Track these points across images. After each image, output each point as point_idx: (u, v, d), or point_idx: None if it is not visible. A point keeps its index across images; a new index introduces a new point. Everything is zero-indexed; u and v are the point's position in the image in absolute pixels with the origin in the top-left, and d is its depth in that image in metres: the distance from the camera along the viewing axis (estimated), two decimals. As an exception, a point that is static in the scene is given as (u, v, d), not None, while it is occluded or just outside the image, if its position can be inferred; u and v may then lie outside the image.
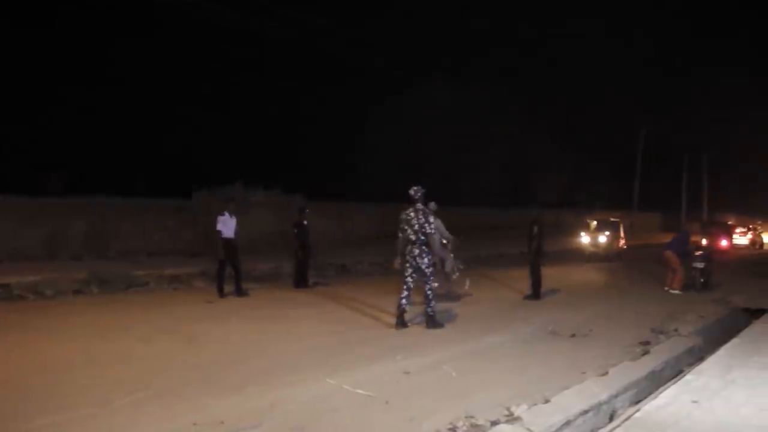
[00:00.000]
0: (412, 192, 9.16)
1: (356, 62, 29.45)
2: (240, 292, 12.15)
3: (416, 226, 9.05)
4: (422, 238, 9.06)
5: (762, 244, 35.86)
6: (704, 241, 27.70)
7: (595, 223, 24.62)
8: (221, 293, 11.98)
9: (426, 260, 9.13)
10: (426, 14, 37.52)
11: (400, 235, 9.21)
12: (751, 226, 36.30)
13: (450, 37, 38.77)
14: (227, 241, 12.01)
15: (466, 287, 12.90)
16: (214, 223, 12.16)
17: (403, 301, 9.18)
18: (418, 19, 37.18)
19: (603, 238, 22.96)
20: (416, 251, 9.08)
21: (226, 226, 12.02)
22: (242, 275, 12.50)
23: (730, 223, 35.70)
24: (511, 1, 45.71)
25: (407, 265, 9.14)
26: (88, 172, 22.31)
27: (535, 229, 12.55)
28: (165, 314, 10.09)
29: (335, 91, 32.72)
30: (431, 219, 9.20)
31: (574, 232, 25.97)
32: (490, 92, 34.60)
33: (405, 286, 9.16)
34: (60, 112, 24.04)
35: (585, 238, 23.90)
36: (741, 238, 34.32)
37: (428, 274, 9.18)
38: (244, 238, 13.20)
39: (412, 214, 9.13)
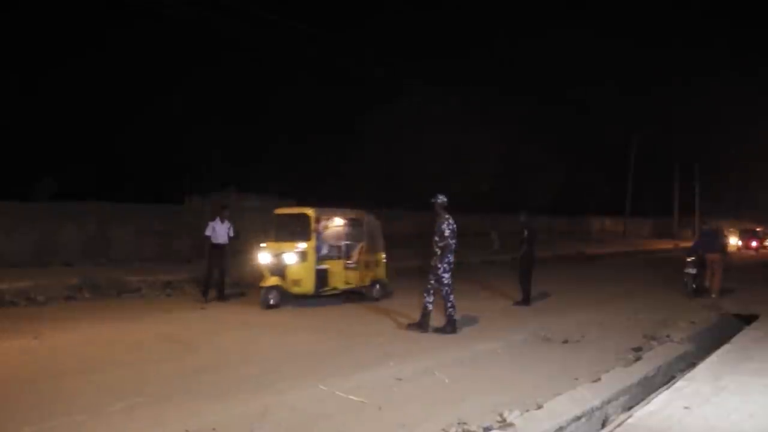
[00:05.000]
0: (443, 200, 9.48)
1: (348, 69, 29.52)
2: (222, 297, 12.37)
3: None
4: None
5: None
6: (740, 242, 36.69)
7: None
8: (206, 297, 12.17)
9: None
10: (418, 16, 37.66)
11: (452, 242, 9.41)
12: None
13: (442, 40, 38.91)
14: (214, 246, 12.30)
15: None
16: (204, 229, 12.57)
17: (430, 306, 9.50)
18: (410, 21, 37.33)
19: (292, 258, 11.57)
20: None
21: (215, 232, 12.34)
22: (227, 281, 12.81)
23: (758, 229, 39.66)
24: (504, 5, 45.94)
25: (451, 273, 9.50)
26: (79, 178, 22.24)
27: (525, 233, 12.56)
28: (157, 320, 10.06)
29: (328, 98, 32.77)
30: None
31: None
32: (482, 97, 34.74)
33: (432, 292, 9.50)
34: (50, 116, 23.97)
35: (264, 256, 11.89)
36: None
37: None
38: (235, 244, 13.31)
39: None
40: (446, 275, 9.42)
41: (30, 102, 23.41)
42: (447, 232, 9.33)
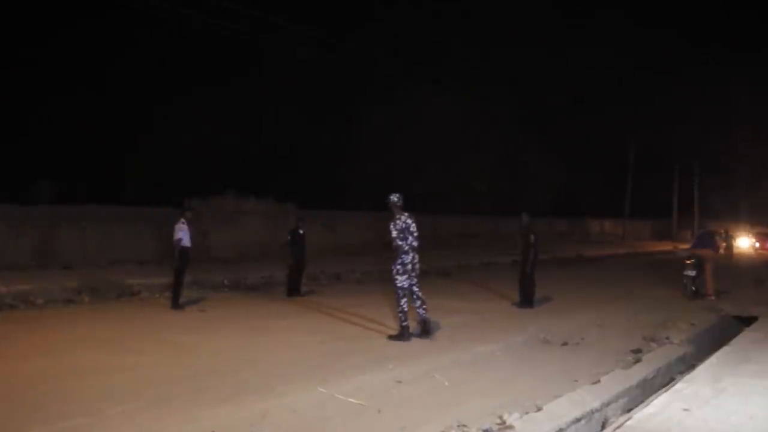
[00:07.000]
0: (395, 199, 8.96)
1: (346, 70, 29.55)
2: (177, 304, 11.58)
3: (416, 233, 8.99)
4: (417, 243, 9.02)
5: None
6: (757, 244, 40.49)
7: None
8: (177, 305, 11.50)
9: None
10: (416, 18, 37.61)
11: (401, 243, 8.89)
12: None
13: (441, 43, 38.87)
14: (185, 250, 11.62)
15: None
16: (172, 232, 11.62)
17: (421, 311, 9.17)
18: (408, 24, 37.27)
19: None
20: (417, 257, 9.03)
21: (186, 235, 11.60)
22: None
23: None
24: (502, 8, 45.95)
25: (412, 274, 9.02)
26: (79, 181, 22.24)
27: (532, 237, 12.47)
28: (156, 323, 10.04)
29: (324, 99, 32.74)
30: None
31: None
32: (481, 100, 34.75)
33: (416, 296, 9.11)
34: (49, 119, 23.96)
35: None
36: None
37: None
38: (237, 247, 13.17)
39: (409, 220, 9.00)
40: (399, 277, 8.93)
41: (30, 103, 23.41)
42: (394, 233, 8.88)
